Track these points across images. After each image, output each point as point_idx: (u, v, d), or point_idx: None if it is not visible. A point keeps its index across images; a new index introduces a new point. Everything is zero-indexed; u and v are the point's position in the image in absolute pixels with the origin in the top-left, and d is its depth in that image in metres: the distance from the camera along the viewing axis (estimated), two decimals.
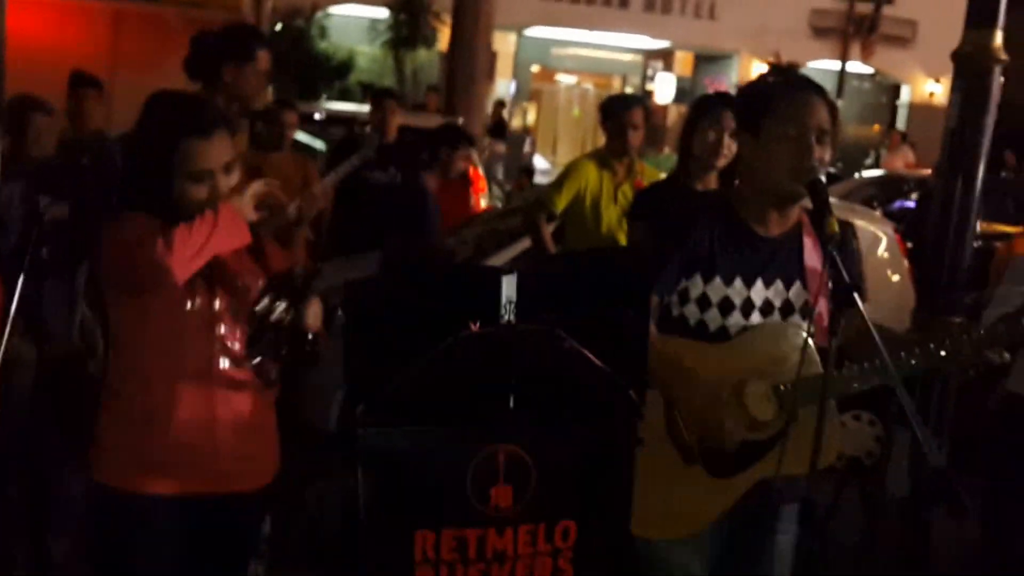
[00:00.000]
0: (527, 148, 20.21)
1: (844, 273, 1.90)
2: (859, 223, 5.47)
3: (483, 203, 9.11)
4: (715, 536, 2.19)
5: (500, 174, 17.56)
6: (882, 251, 5.37)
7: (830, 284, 2.05)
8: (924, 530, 3.51)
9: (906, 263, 5.34)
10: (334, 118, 9.00)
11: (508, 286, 1.59)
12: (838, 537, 3.93)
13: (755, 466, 2.10)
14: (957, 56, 3.43)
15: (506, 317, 1.60)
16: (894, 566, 3.67)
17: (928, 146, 13.50)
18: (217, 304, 2.05)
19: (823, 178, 2.06)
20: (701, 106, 3.63)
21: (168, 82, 3.14)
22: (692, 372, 2.07)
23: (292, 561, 3.28)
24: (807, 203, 2.12)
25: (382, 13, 15.66)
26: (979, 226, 3.73)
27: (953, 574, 3.77)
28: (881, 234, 5.42)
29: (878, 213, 6.02)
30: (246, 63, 3.21)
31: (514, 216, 5.80)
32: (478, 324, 1.59)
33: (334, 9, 16.37)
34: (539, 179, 14.19)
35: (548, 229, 4.32)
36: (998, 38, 3.36)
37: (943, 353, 2.07)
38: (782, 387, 2.08)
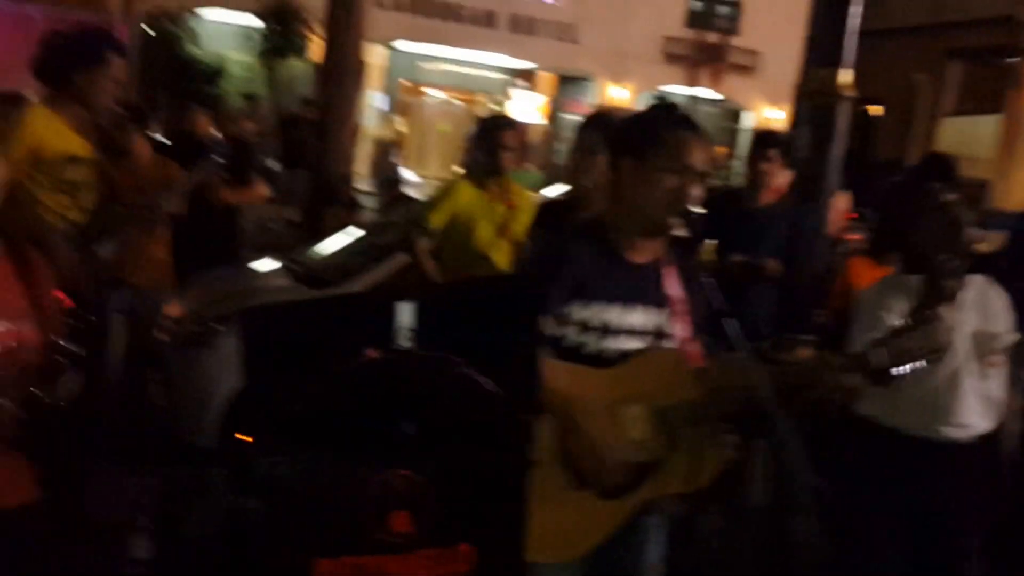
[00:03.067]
0: (392, 158, 20.13)
1: (712, 300, 2.01)
2: None
3: None
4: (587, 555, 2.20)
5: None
6: None
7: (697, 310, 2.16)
8: (786, 538, 3.70)
9: None
10: None
11: (404, 314, 1.61)
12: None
13: (643, 487, 2.14)
14: (801, 92, 3.67)
15: (402, 343, 1.62)
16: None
17: None
18: None
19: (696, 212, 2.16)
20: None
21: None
22: (578, 399, 2.10)
23: None
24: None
25: (250, 19, 15.33)
26: None
27: None
28: None
29: None
30: (97, 68, 3.08)
31: (390, 231, 5.86)
32: (375, 351, 1.61)
33: (204, 13, 15.92)
34: (408, 190, 14.15)
35: (425, 246, 4.36)
36: (843, 76, 3.63)
37: (800, 375, 2.18)
38: (661, 410, 2.13)
